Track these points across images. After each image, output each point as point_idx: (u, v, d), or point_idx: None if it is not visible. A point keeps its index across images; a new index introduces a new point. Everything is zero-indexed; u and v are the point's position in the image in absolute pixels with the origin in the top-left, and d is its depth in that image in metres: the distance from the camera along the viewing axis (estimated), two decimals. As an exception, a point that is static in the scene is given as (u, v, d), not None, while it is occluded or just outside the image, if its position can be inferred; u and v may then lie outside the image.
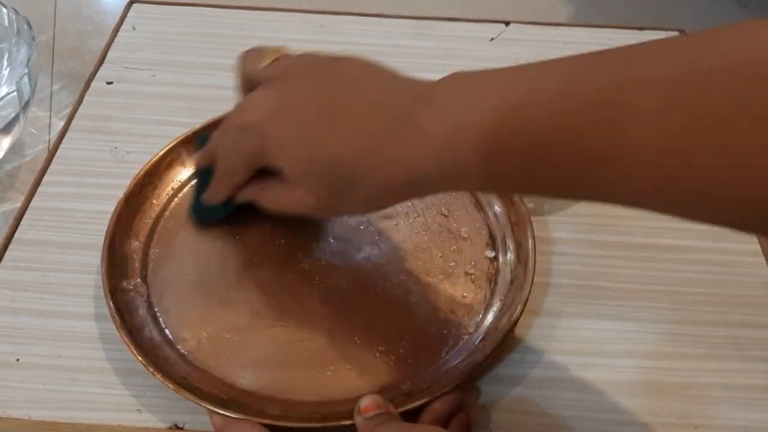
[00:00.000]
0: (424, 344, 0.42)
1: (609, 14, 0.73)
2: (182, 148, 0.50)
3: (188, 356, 0.41)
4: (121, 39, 0.63)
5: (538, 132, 0.29)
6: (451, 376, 0.39)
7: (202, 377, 0.40)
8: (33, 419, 0.40)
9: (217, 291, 0.45)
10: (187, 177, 0.50)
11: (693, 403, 0.41)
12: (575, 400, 0.41)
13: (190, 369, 0.41)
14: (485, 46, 0.64)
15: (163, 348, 0.41)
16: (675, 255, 0.48)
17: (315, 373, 0.41)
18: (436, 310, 0.44)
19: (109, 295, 0.42)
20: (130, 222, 0.47)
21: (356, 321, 0.43)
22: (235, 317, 0.43)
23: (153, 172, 0.49)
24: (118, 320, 0.41)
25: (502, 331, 0.41)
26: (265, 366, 0.41)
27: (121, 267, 0.44)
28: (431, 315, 0.44)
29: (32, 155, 0.57)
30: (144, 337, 0.41)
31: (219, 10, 0.67)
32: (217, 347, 0.42)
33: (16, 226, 0.49)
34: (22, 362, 0.42)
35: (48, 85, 0.63)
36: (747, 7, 0.76)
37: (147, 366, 0.39)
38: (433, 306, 0.44)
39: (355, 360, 0.42)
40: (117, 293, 0.43)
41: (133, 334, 0.41)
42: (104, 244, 0.44)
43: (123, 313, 0.42)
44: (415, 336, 0.43)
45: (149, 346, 0.41)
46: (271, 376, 0.41)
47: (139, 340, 0.41)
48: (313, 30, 0.65)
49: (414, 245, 0.47)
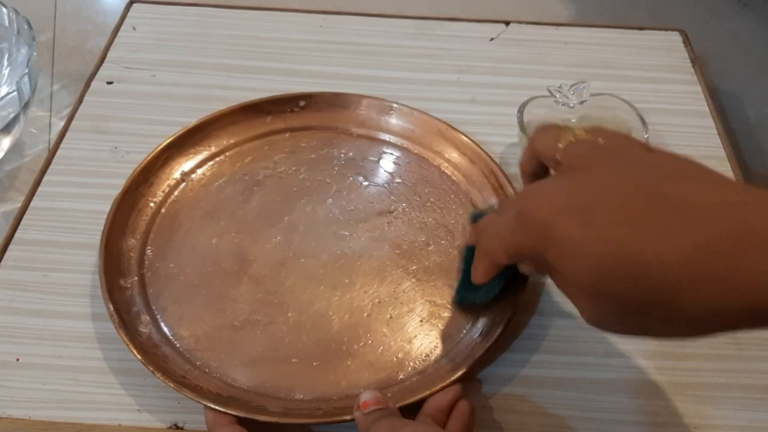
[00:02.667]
0: (425, 340, 0.42)
1: (609, 14, 0.73)
2: (178, 144, 0.51)
3: (187, 354, 0.41)
4: (121, 39, 0.63)
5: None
6: (450, 371, 0.40)
7: (201, 375, 0.40)
8: (33, 419, 0.40)
9: (215, 288, 0.44)
10: (181, 173, 0.50)
11: (693, 403, 0.41)
12: (575, 400, 0.41)
13: (190, 367, 0.41)
14: (485, 46, 0.64)
15: (161, 346, 0.41)
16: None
17: (315, 369, 0.41)
18: (435, 306, 0.44)
19: (107, 293, 0.42)
20: (126, 219, 0.47)
21: (356, 318, 0.43)
22: (233, 314, 0.43)
23: (149, 169, 0.49)
24: (116, 319, 0.41)
25: (500, 325, 0.41)
26: (265, 363, 0.41)
27: (118, 265, 0.44)
28: (431, 311, 0.44)
29: (32, 155, 0.57)
30: (143, 336, 0.41)
31: (219, 10, 0.67)
32: (216, 345, 0.42)
33: (16, 226, 0.49)
34: (22, 362, 0.42)
35: (48, 85, 0.63)
36: (747, 6, 0.76)
37: (146, 365, 0.39)
38: (433, 302, 0.44)
39: (355, 356, 0.42)
40: (115, 291, 0.43)
41: (131, 332, 0.41)
42: (101, 241, 0.44)
43: (121, 312, 0.41)
44: (415, 331, 0.43)
45: (148, 345, 0.41)
46: (271, 373, 0.41)
47: (138, 339, 0.41)
48: (313, 30, 0.65)
49: (411, 241, 0.47)
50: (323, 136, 0.54)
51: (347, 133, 0.54)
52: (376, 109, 0.54)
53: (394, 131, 0.54)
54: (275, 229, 0.48)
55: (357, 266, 0.46)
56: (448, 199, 0.50)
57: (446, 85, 0.60)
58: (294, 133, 0.54)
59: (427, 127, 0.53)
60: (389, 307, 0.44)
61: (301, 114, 0.54)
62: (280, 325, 0.43)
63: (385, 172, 0.52)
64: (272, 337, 0.42)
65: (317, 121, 0.54)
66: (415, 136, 0.53)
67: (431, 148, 0.53)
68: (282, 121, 0.54)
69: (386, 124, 0.54)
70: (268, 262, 0.46)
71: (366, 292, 0.45)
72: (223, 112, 0.53)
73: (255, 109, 0.54)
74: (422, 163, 0.52)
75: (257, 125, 0.53)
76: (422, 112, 0.53)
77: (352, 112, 0.54)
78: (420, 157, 0.52)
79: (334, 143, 0.53)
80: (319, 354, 0.42)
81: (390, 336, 0.43)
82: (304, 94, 0.55)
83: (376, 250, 0.47)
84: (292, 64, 0.61)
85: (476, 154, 0.51)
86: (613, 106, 0.53)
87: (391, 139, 0.53)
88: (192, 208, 0.49)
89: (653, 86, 0.60)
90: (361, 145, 0.53)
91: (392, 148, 0.53)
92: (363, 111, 0.54)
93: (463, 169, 0.51)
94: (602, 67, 0.60)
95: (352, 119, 0.54)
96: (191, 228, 0.48)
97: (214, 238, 0.47)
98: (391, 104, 0.54)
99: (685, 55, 0.63)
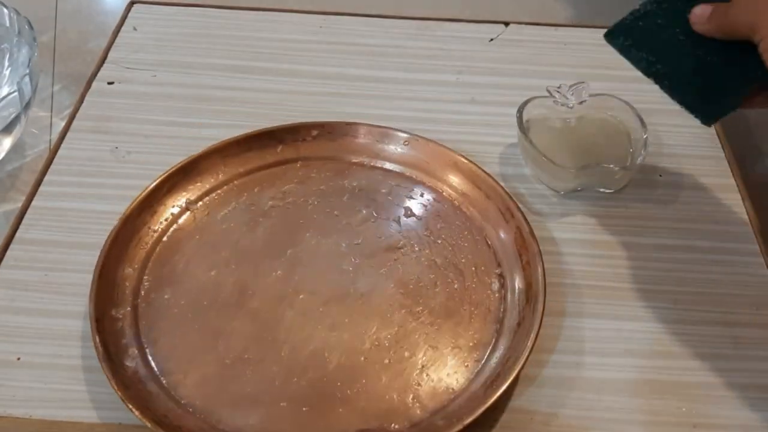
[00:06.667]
0: (423, 389, 0.40)
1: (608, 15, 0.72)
2: (186, 171, 0.49)
3: (172, 391, 0.40)
4: (122, 39, 0.63)
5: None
6: (445, 427, 0.37)
7: (184, 415, 0.39)
8: (33, 418, 0.40)
9: (209, 322, 0.43)
10: (186, 201, 0.49)
11: (692, 403, 0.41)
12: (576, 400, 0.41)
13: (173, 405, 0.39)
14: (485, 47, 0.64)
15: (146, 382, 0.40)
16: (675, 255, 0.48)
17: (303, 414, 0.39)
18: (437, 352, 0.42)
19: (95, 323, 0.40)
20: (125, 247, 0.45)
21: (352, 360, 0.42)
22: (225, 351, 0.42)
23: (153, 196, 0.47)
24: (101, 351, 0.39)
25: (506, 380, 0.39)
26: (252, 405, 0.39)
27: (111, 294, 0.43)
28: (432, 357, 0.42)
29: (33, 155, 0.57)
30: (128, 370, 0.40)
31: (219, 11, 0.67)
32: (205, 382, 0.40)
33: (17, 225, 0.49)
34: (23, 361, 0.42)
35: (49, 85, 0.63)
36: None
37: (125, 401, 0.37)
38: (435, 348, 0.42)
39: (348, 401, 0.40)
40: (105, 321, 0.41)
41: (116, 366, 0.39)
42: (95, 268, 0.43)
43: (108, 344, 0.40)
44: (413, 379, 0.41)
45: (133, 380, 0.39)
46: (258, 417, 0.39)
47: (121, 373, 0.39)
48: (313, 30, 0.65)
49: (418, 280, 0.45)
50: (335, 167, 0.52)
51: (360, 164, 0.52)
52: (389, 140, 0.52)
53: (409, 163, 0.52)
54: (277, 263, 0.46)
55: (359, 305, 0.44)
56: (460, 236, 0.48)
57: (446, 85, 0.60)
58: (305, 162, 0.52)
59: (442, 159, 0.51)
60: (389, 351, 0.42)
61: (314, 143, 0.52)
62: (272, 365, 0.41)
63: (397, 205, 0.50)
64: (263, 377, 0.40)
65: (330, 151, 0.52)
66: (429, 168, 0.51)
67: (445, 181, 0.51)
68: (293, 151, 0.52)
69: (400, 155, 0.52)
70: (266, 296, 0.44)
71: (366, 333, 0.43)
72: (233, 140, 0.51)
73: (266, 136, 0.52)
74: (436, 196, 0.50)
75: (268, 154, 0.52)
76: (438, 143, 0.51)
77: (365, 142, 0.53)
78: (434, 190, 0.50)
79: (345, 174, 0.51)
80: (310, 397, 0.40)
81: (386, 382, 0.40)
82: (317, 123, 0.53)
83: (381, 288, 0.45)
84: (292, 65, 0.61)
85: (492, 189, 0.49)
86: (613, 107, 0.53)
87: (405, 171, 0.52)
88: (194, 238, 0.47)
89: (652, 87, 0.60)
90: (374, 176, 0.51)
91: (405, 181, 0.51)
92: (377, 142, 0.52)
93: (479, 204, 0.49)
94: (601, 68, 0.60)
95: (365, 150, 0.52)
96: (192, 258, 0.46)
97: (214, 269, 0.45)
98: (406, 136, 0.52)
99: (684, 55, 0.63)
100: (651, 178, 0.53)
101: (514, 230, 0.47)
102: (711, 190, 0.53)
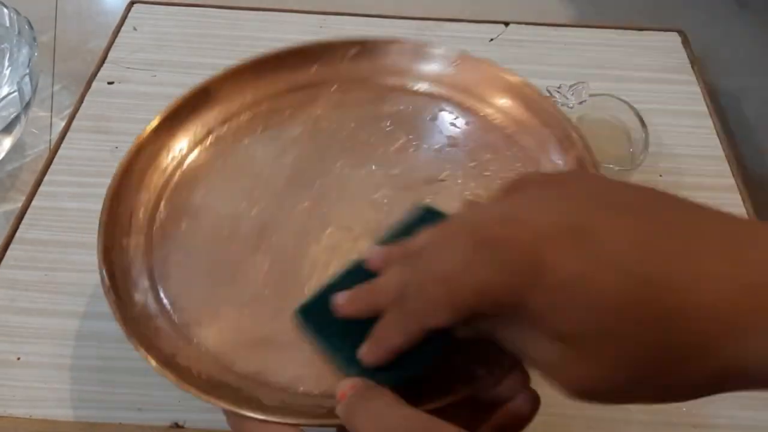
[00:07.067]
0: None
1: (609, 15, 0.73)
2: (211, 91, 0.45)
3: (183, 329, 0.36)
4: (122, 39, 0.63)
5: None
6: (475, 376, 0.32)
7: (194, 355, 0.35)
8: (33, 418, 0.40)
9: (228, 256, 0.39)
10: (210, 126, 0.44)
11: (692, 403, 0.41)
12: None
13: (183, 344, 0.35)
14: (485, 47, 0.64)
15: (155, 318, 0.36)
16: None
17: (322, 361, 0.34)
18: None
19: (102, 253, 0.37)
20: (143, 173, 0.41)
21: None
22: (242, 290, 0.37)
23: (174, 118, 0.43)
24: (107, 283, 0.36)
25: None
26: (270, 346, 0.35)
27: (124, 221, 0.39)
28: None
29: (33, 155, 0.57)
30: (137, 305, 0.36)
31: (219, 11, 0.67)
32: (219, 321, 0.36)
33: (17, 225, 0.49)
34: (23, 361, 0.42)
35: (49, 85, 0.63)
36: (747, 7, 0.76)
37: (129, 337, 0.33)
38: None
39: None
40: (114, 251, 0.38)
41: (122, 299, 0.36)
42: (107, 194, 0.40)
43: (116, 275, 0.37)
44: None
45: (141, 315, 0.36)
46: (275, 359, 0.35)
47: (127, 307, 0.36)
48: (313, 30, 0.65)
49: None
50: (374, 90, 0.47)
51: (401, 88, 0.47)
52: (438, 61, 0.47)
53: (459, 86, 0.46)
54: (305, 194, 0.41)
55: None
56: (511, 168, 0.42)
57: (446, 85, 0.60)
58: (342, 85, 0.47)
59: (496, 83, 0.45)
60: None
61: (352, 63, 0.47)
62: (294, 304, 0.34)
63: (440, 132, 0.44)
64: (282, 318, 0.35)
65: (370, 72, 0.47)
66: (480, 92, 0.46)
67: (497, 106, 0.45)
68: (329, 71, 0.47)
69: (449, 78, 0.47)
70: (291, 230, 0.40)
71: None
72: (263, 58, 0.46)
73: (300, 55, 0.47)
74: (486, 125, 0.44)
75: (301, 75, 0.47)
76: (493, 64, 0.46)
77: (408, 63, 0.47)
78: (483, 117, 0.45)
79: (386, 98, 0.46)
80: None
81: None
82: (356, 41, 0.47)
83: None
84: (292, 65, 0.61)
85: (551, 116, 0.43)
86: (613, 107, 0.53)
87: (454, 96, 0.46)
88: (216, 165, 0.43)
89: (652, 87, 0.60)
90: (416, 101, 0.46)
91: (453, 106, 0.46)
92: (423, 62, 0.47)
93: (536, 134, 0.43)
94: (601, 68, 0.60)
95: (409, 71, 0.47)
96: (212, 187, 0.42)
97: (235, 199, 0.41)
98: (456, 54, 0.47)
99: (684, 55, 0.63)
100: (651, 178, 0.53)
101: (574, 162, 0.41)
102: (711, 190, 0.53)
